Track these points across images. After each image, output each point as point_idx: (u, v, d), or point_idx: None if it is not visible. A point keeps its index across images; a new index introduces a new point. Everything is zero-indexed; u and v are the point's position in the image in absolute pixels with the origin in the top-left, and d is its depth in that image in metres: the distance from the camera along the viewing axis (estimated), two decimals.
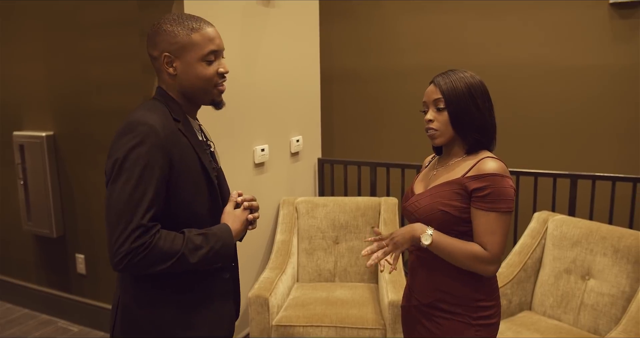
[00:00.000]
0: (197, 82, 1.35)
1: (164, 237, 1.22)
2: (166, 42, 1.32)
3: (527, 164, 3.17)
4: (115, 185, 1.20)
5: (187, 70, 1.34)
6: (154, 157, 1.22)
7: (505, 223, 1.45)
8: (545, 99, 3.29)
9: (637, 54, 3.04)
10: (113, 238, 1.18)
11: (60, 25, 3.05)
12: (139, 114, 1.27)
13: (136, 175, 1.20)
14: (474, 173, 1.46)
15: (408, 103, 3.59)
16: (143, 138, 1.22)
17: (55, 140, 3.21)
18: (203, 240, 1.28)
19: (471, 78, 1.52)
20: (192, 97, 1.38)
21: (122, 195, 1.19)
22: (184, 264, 1.24)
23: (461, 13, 3.43)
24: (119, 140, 1.23)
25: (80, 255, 3.24)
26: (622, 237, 2.32)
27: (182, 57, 1.33)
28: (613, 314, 2.26)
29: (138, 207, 1.19)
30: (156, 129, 1.24)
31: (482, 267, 1.45)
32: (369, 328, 2.46)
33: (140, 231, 1.17)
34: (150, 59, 1.38)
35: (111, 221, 1.19)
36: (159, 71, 1.37)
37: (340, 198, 3.10)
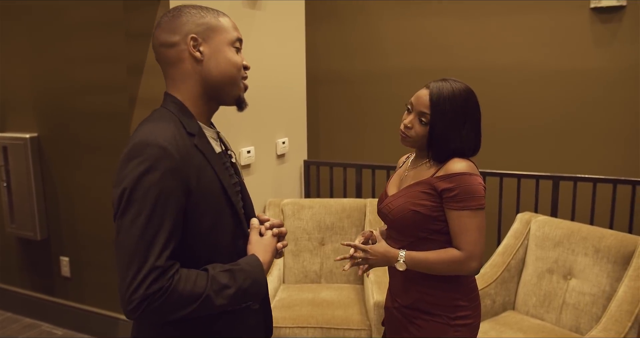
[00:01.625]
0: (227, 69, 1.18)
1: (184, 279, 1.04)
2: (192, 23, 1.15)
3: (510, 165, 3.21)
4: (124, 219, 1.03)
5: (216, 54, 1.16)
6: (168, 185, 1.04)
7: (478, 220, 1.47)
8: (527, 101, 3.33)
9: (617, 58, 3.09)
10: (125, 283, 1.01)
11: (44, 26, 3.03)
12: (146, 132, 1.07)
13: (148, 208, 1.02)
14: (442, 174, 1.49)
15: (393, 105, 3.62)
16: (154, 162, 1.03)
17: (39, 142, 3.18)
18: (230, 278, 1.10)
19: (465, 99, 1.49)
20: (216, 92, 1.19)
21: (133, 232, 1.01)
22: (209, 307, 1.07)
23: (445, 16, 3.47)
24: (125, 165, 1.05)
25: (65, 258, 3.22)
26: (602, 237, 2.37)
27: (210, 41, 1.16)
28: (594, 313, 2.29)
29: (152, 245, 1.01)
30: (169, 150, 1.05)
31: (463, 268, 1.48)
32: (355, 329, 2.48)
33: (156, 274, 1.00)
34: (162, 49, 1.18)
35: (122, 262, 1.02)
36: (178, 60, 1.16)
37: (326, 200, 3.11)
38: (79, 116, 2.99)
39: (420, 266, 1.50)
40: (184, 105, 1.18)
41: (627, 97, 3.10)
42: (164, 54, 1.18)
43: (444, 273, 1.50)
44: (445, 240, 1.52)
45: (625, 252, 2.27)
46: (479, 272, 1.52)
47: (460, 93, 1.49)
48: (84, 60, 2.92)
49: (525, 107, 3.34)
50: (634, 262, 2.20)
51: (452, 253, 1.48)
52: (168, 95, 1.20)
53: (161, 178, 1.03)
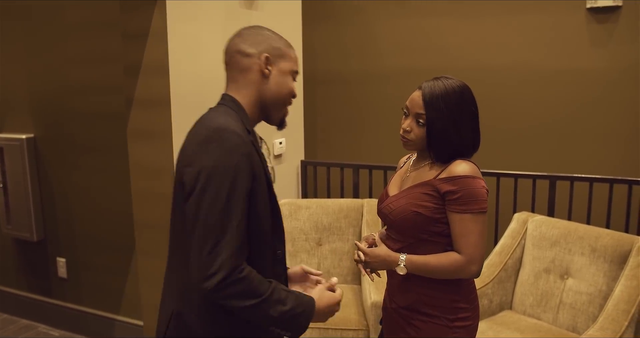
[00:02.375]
0: (282, 92, 1.35)
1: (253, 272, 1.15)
2: (268, 44, 1.33)
3: (507, 165, 3.21)
4: (204, 197, 1.12)
5: (278, 77, 1.34)
6: (243, 168, 1.15)
7: (480, 224, 1.46)
8: (524, 102, 3.34)
9: (613, 58, 3.10)
10: (202, 258, 1.09)
11: (40, 26, 3.02)
12: (221, 120, 1.20)
13: (228, 187, 1.12)
14: (445, 176, 1.48)
15: (390, 105, 3.62)
16: (232, 147, 1.15)
17: (36, 143, 3.18)
18: (287, 297, 1.20)
19: (460, 95, 1.48)
20: (266, 108, 1.35)
21: (214, 209, 1.11)
22: (263, 312, 1.16)
23: (442, 16, 3.47)
24: (204, 147, 1.15)
25: (62, 259, 3.21)
26: (599, 237, 2.37)
27: (278, 64, 1.34)
28: (591, 312, 2.30)
29: (231, 222, 1.11)
30: (243, 138, 1.18)
31: (463, 272, 1.47)
32: (352, 329, 2.48)
33: (235, 249, 1.11)
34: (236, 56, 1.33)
35: (203, 236, 1.11)
36: (247, 69, 1.32)
37: (323, 200, 3.11)
38: (76, 117, 2.99)
39: (421, 270, 1.50)
40: (242, 107, 1.32)
41: (624, 97, 3.11)
42: (237, 60, 1.33)
43: (445, 277, 1.50)
44: (446, 243, 1.51)
45: (621, 251, 2.28)
46: (479, 275, 1.51)
47: (453, 90, 1.48)
48: (80, 61, 2.91)
49: (521, 107, 3.35)
50: (631, 261, 2.21)
51: (452, 257, 1.47)
52: (228, 96, 1.34)
53: (239, 161, 1.15)
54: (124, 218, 2.88)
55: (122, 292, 3.07)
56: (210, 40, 2.62)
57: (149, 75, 2.43)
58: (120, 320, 3.09)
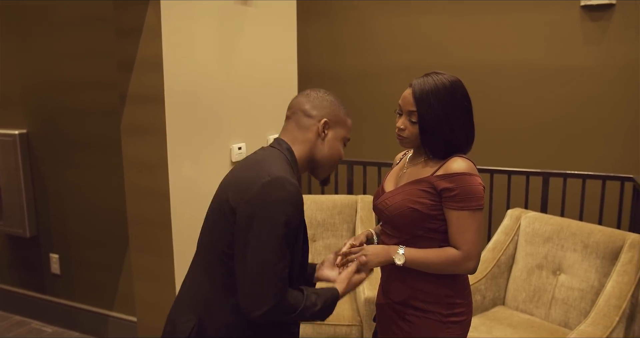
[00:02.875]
0: (333, 154, 1.48)
1: (289, 293, 1.31)
2: (330, 110, 1.46)
3: (501, 162, 3.23)
4: (261, 236, 1.25)
5: (332, 141, 1.47)
6: (297, 218, 1.30)
7: (477, 220, 1.47)
8: (518, 99, 3.35)
9: (607, 56, 3.12)
10: (256, 290, 1.25)
11: (33, 22, 3.01)
12: (281, 169, 1.33)
13: (283, 232, 1.26)
14: (443, 173, 1.48)
15: (384, 102, 3.62)
16: (292, 198, 1.28)
17: (29, 139, 3.16)
18: (317, 298, 1.37)
19: (451, 89, 1.49)
20: (314, 165, 1.48)
21: (269, 249, 1.25)
22: (301, 317, 1.34)
23: (437, 14, 3.48)
24: (265, 190, 1.27)
25: (55, 255, 3.21)
26: (591, 233, 2.39)
27: (335, 129, 1.47)
28: (582, 308, 2.32)
29: (281, 263, 1.26)
30: (299, 191, 1.32)
31: (460, 267, 1.48)
32: (346, 325, 2.49)
33: (281, 285, 1.26)
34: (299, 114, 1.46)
35: (256, 273, 1.25)
36: (307, 128, 1.45)
37: (317, 197, 3.11)
38: (69, 113, 2.98)
39: (418, 262, 1.50)
40: (295, 158, 1.44)
41: (617, 94, 3.13)
42: (299, 117, 1.47)
43: (441, 272, 1.50)
44: (441, 239, 1.52)
45: (613, 247, 2.29)
46: (475, 271, 1.52)
47: (443, 85, 1.48)
48: (73, 57, 2.90)
49: (515, 104, 3.36)
50: (622, 257, 2.23)
51: (450, 252, 1.48)
52: (285, 144, 1.45)
53: (294, 212, 1.29)
54: (117, 214, 2.88)
55: (115, 288, 3.07)
56: (204, 36, 2.61)
57: (143, 71, 2.42)
58: (113, 316, 3.08)
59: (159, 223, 2.45)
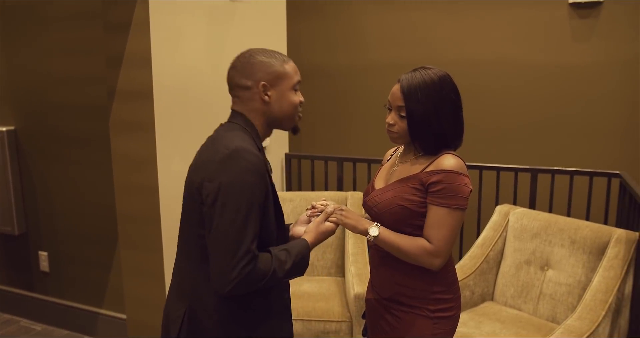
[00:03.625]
0: (288, 109, 1.44)
1: (259, 260, 1.29)
2: (262, 72, 1.40)
3: (489, 158, 3.24)
4: (224, 211, 1.25)
5: (280, 98, 1.42)
6: (260, 187, 1.29)
7: (455, 220, 1.46)
8: (507, 95, 3.37)
9: (595, 53, 3.14)
10: (222, 265, 1.24)
11: (20, 18, 2.98)
12: (238, 140, 1.33)
13: (246, 204, 1.26)
14: (432, 169, 1.49)
15: (374, 99, 3.63)
16: (252, 167, 1.28)
17: (17, 135, 3.14)
18: (287, 255, 1.36)
19: (438, 83, 1.49)
20: (276, 124, 1.46)
21: (233, 223, 1.25)
22: (274, 280, 1.32)
23: (427, 11, 3.48)
24: (225, 165, 1.28)
25: (44, 253, 3.19)
26: (578, 229, 2.41)
27: (277, 86, 1.42)
28: (570, 303, 2.34)
29: (246, 235, 1.25)
30: (260, 159, 1.31)
31: (426, 260, 1.48)
32: (335, 321, 2.50)
33: (248, 257, 1.25)
34: (236, 89, 1.42)
35: (221, 247, 1.25)
36: (249, 99, 1.41)
37: (307, 193, 3.12)
38: (57, 109, 2.96)
39: (390, 240, 1.50)
40: (254, 126, 1.43)
41: (605, 91, 3.15)
42: (238, 92, 1.43)
43: (407, 258, 1.50)
44: None
45: (600, 242, 2.32)
46: (439, 268, 1.51)
47: (431, 79, 1.49)
48: (61, 53, 2.88)
49: (504, 101, 3.38)
50: (608, 252, 2.25)
51: (422, 243, 1.48)
52: (239, 115, 1.44)
53: (257, 180, 1.28)
54: (106, 211, 2.87)
55: (105, 285, 3.06)
56: (193, 32, 2.60)
57: (131, 67, 2.41)
58: (103, 314, 3.07)
59: (148, 220, 2.45)
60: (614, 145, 3.16)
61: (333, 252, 2.99)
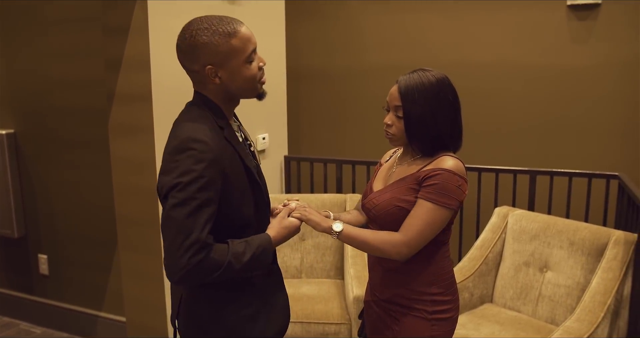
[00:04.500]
0: (244, 84, 1.37)
1: (213, 250, 1.26)
2: (206, 55, 1.31)
3: (488, 160, 3.25)
4: (175, 201, 1.22)
5: (233, 76, 1.35)
6: (211, 174, 1.25)
7: (437, 216, 1.46)
8: (505, 97, 3.37)
9: (593, 55, 3.15)
10: (171, 253, 1.22)
11: (20, 21, 2.99)
12: (189, 129, 1.29)
13: (195, 193, 1.22)
14: (431, 168, 1.49)
15: (373, 101, 3.63)
16: (199, 155, 1.24)
17: (16, 138, 3.15)
18: (245, 247, 1.32)
19: (436, 84, 1.49)
20: (237, 97, 1.42)
21: (181, 213, 1.21)
22: (231, 272, 1.29)
23: (425, 13, 3.49)
24: (174, 156, 1.26)
25: (43, 256, 3.19)
26: (577, 230, 2.41)
27: (227, 66, 1.33)
28: (569, 304, 2.34)
29: (196, 223, 1.22)
30: (210, 144, 1.26)
31: (393, 250, 1.47)
32: (335, 324, 2.50)
33: (197, 247, 1.21)
34: (186, 70, 1.38)
35: (170, 237, 1.22)
36: (201, 82, 1.36)
37: (306, 196, 3.12)
38: (57, 112, 2.96)
39: (354, 234, 1.50)
40: (214, 103, 1.38)
41: (603, 93, 3.15)
42: (190, 74, 1.38)
43: (373, 250, 1.50)
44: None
45: (598, 244, 2.32)
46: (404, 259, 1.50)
47: (429, 80, 1.49)
48: (61, 56, 2.88)
49: (502, 103, 3.38)
50: (607, 254, 2.25)
51: (390, 233, 1.48)
52: (199, 94, 1.39)
53: (205, 169, 1.24)
54: (106, 213, 2.87)
55: (104, 288, 3.06)
56: None
57: (131, 70, 2.41)
58: (102, 317, 3.07)
59: (147, 222, 2.45)
60: (613, 147, 3.16)
61: (332, 255, 2.99)
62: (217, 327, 1.40)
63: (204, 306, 1.41)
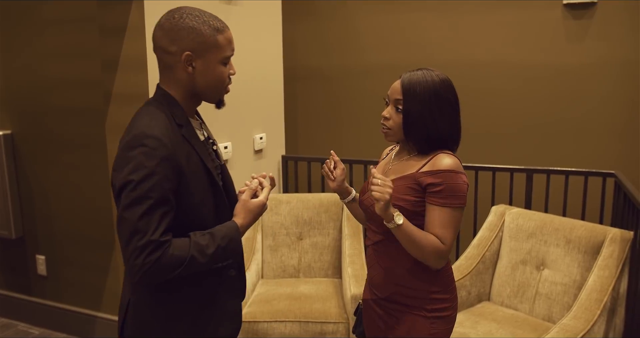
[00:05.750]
0: (213, 83, 1.34)
1: (172, 246, 1.22)
2: (190, 40, 1.28)
3: (485, 159, 3.26)
4: (127, 201, 1.19)
5: (206, 70, 1.31)
6: (164, 171, 1.21)
7: (458, 218, 1.48)
8: (502, 96, 3.39)
9: (588, 54, 3.16)
10: (127, 255, 1.19)
11: (16, 22, 2.98)
12: (143, 124, 1.24)
13: (147, 191, 1.19)
14: (429, 169, 1.49)
15: (370, 100, 3.64)
16: (151, 152, 1.20)
17: (13, 139, 3.14)
18: (209, 239, 1.28)
19: (439, 83, 1.50)
20: (200, 96, 1.37)
21: (134, 211, 1.18)
22: (195, 266, 1.25)
23: (421, 13, 3.50)
24: (126, 153, 1.22)
25: (41, 257, 3.19)
26: (573, 228, 2.42)
27: (204, 57, 1.30)
28: (565, 302, 2.35)
29: (150, 222, 1.19)
30: (163, 141, 1.22)
31: (435, 259, 1.48)
32: (332, 323, 2.50)
33: (152, 246, 1.18)
34: (159, 51, 1.31)
35: (125, 237, 1.19)
36: (172, 67, 1.31)
37: (303, 195, 3.13)
38: (53, 112, 2.96)
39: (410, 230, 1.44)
40: (174, 100, 1.34)
41: (599, 91, 3.17)
42: (160, 56, 1.33)
43: (420, 253, 1.47)
44: None
45: (595, 242, 2.33)
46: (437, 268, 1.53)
47: (432, 79, 1.50)
48: (57, 56, 2.88)
49: (499, 102, 3.40)
50: (603, 251, 2.26)
51: (436, 241, 1.46)
52: (160, 89, 1.35)
53: (157, 165, 1.20)
54: (103, 214, 2.87)
55: (102, 288, 3.06)
56: None
57: (127, 71, 2.41)
58: (101, 317, 3.07)
59: None
60: (609, 145, 3.18)
61: (330, 254, 3.00)
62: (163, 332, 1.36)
63: (150, 311, 1.36)
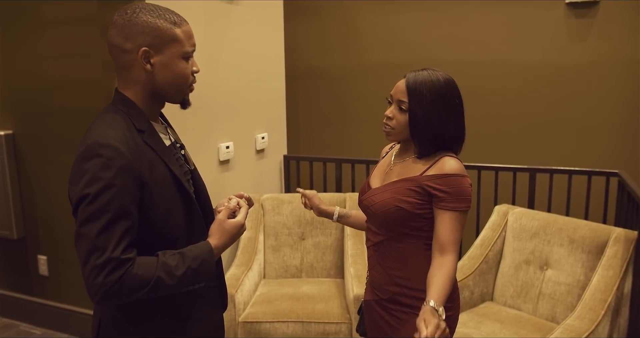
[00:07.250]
0: (175, 80, 1.24)
1: (137, 265, 1.13)
2: (146, 34, 1.18)
3: (488, 158, 3.25)
4: (84, 216, 1.11)
5: (166, 67, 1.22)
6: (123, 182, 1.12)
7: (464, 221, 1.49)
8: (504, 95, 3.37)
9: (591, 53, 3.15)
10: (85, 274, 1.10)
11: (17, 22, 2.98)
12: (99, 133, 1.15)
13: (105, 204, 1.10)
14: (435, 173, 1.48)
15: (372, 100, 3.63)
16: (108, 162, 1.11)
17: (15, 140, 3.14)
18: (179, 259, 1.18)
19: (444, 84, 1.48)
20: (162, 97, 1.27)
21: (92, 227, 1.10)
22: (162, 287, 1.15)
23: (423, 12, 3.49)
24: (81, 165, 1.13)
25: (43, 257, 3.18)
26: (577, 228, 2.41)
27: (163, 53, 1.21)
28: (569, 302, 2.34)
29: (110, 239, 1.10)
30: (120, 149, 1.13)
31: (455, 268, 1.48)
32: (335, 323, 2.49)
33: (113, 265, 1.09)
34: (115, 51, 1.22)
35: (83, 254, 1.10)
36: (129, 66, 1.21)
37: None
38: (55, 113, 2.95)
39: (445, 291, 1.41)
40: (134, 104, 1.24)
41: (602, 90, 3.15)
42: (116, 55, 1.23)
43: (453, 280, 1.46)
44: (425, 237, 1.51)
45: (599, 242, 2.32)
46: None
47: (437, 79, 1.49)
48: (58, 57, 2.87)
49: (502, 101, 3.38)
50: (607, 251, 2.25)
51: (448, 264, 1.45)
52: (119, 93, 1.26)
53: (115, 176, 1.11)
54: None
55: None
56: None
57: None
58: None
59: None
60: (612, 145, 3.16)
61: (332, 254, 2.99)
62: None
63: (121, 331, 1.27)
